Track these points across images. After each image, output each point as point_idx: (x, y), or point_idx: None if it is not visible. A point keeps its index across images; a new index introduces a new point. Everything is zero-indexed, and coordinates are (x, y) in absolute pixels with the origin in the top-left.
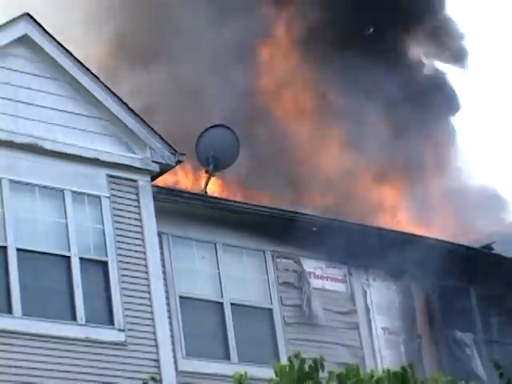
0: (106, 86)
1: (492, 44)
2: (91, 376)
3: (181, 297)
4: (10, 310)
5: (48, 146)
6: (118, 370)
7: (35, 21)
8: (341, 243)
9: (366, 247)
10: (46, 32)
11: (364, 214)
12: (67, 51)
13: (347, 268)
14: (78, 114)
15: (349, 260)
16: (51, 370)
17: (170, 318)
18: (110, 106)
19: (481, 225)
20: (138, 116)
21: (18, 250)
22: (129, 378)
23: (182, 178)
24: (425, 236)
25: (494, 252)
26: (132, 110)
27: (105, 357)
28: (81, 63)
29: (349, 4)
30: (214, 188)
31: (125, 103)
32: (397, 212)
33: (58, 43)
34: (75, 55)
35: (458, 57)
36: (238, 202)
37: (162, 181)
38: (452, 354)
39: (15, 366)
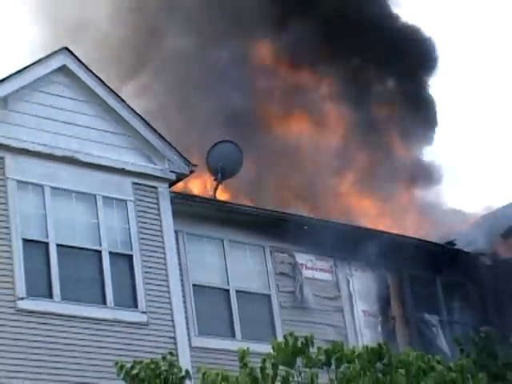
0: (130, 107)
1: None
2: (117, 351)
3: (193, 284)
4: (50, 296)
5: (82, 158)
6: (141, 346)
7: (72, 53)
8: (328, 240)
9: (349, 243)
10: (81, 62)
11: (347, 216)
12: (98, 78)
13: (333, 261)
14: (107, 131)
15: (334, 254)
16: (83, 345)
17: (184, 302)
18: (134, 124)
19: (445, 224)
20: (158, 133)
21: (58, 245)
22: (150, 352)
23: (195, 185)
24: (399, 234)
25: (455, 247)
26: (152, 128)
27: (129, 335)
28: (110, 88)
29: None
30: (222, 193)
31: (147, 122)
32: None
33: (91, 72)
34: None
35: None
36: (242, 205)
37: (177, 187)
38: (421, 333)
39: (54, 343)
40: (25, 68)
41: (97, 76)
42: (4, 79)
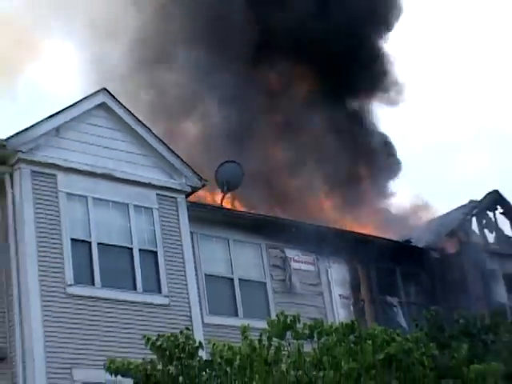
0: (155, 134)
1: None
2: (146, 327)
3: (205, 274)
4: (93, 283)
5: (117, 174)
6: (164, 323)
7: (109, 92)
8: (311, 239)
9: (328, 242)
10: (116, 100)
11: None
12: (130, 112)
13: (315, 255)
14: (136, 154)
15: (316, 250)
16: (118, 322)
17: (198, 288)
18: (157, 148)
19: (403, 225)
20: (176, 154)
21: (98, 243)
22: (171, 328)
23: (206, 195)
24: (367, 234)
25: (411, 244)
26: (172, 151)
27: (155, 314)
28: (138, 119)
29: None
30: (227, 202)
31: (168, 146)
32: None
33: (124, 107)
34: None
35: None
36: (243, 212)
37: (192, 197)
38: (384, 312)
39: (95, 320)
40: (73, 104)
41: (128, 110)
42: (57, 113)
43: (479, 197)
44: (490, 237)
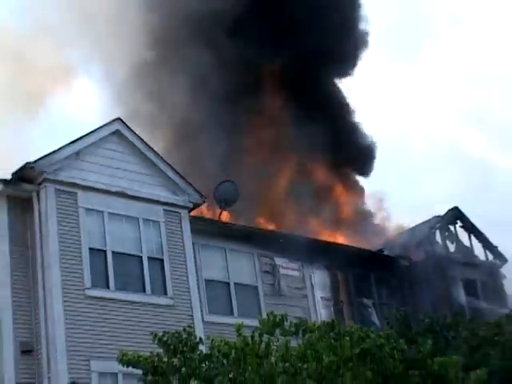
0: (162, 157)
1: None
2: (153, 325)
3: (205, 279)
4: (108, 286)
5: (129, 192)
6: (169, 321)
7: (123, 121)
8: (297, 249)
9: (311, 251)
10: (129, 127)
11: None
12: (140, 139)
13: (300, 263)
14: (145, 174)
15: (301, 258)
16: (129, 320)
17: (199, 291)
18: (164, 169)
19: (377, 237)
20: (180, 175)
21: (113, 252)
22: (175, 326)
23: (206, 211)
24: (344, 244)
25: (383, 253)
26: (177, 172)
27: (161, 313)
28: (148, 145)
29: None
30: (224, 217)
31: (173, 168)
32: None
33: (135, 134)
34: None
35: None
36: (238, 225)
37: (194, 212)
38: (360, 312)
39: (110, 318)
40: (91, 131)
41: (139, 136)
42: (77, 139)
43: (442, 212)
44: (451, 247)
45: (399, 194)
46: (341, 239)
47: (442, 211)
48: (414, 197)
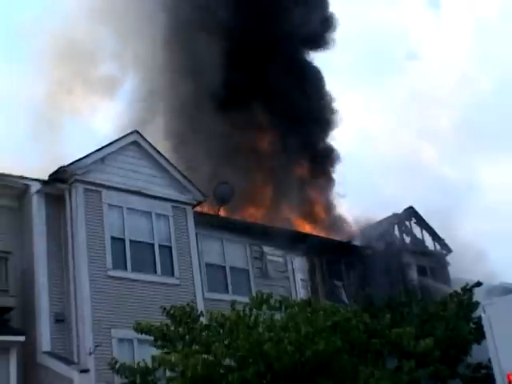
0: (171, 163)
1: None
2: (163, 301)
3: (206, 263)
4: (126, 268)
5: (144, 191)
6: (176, 297)
7: (139, 133)
8: (280, 239)
9: (292, 241)
10: (145, 138)
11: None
12: (154, 148)
13: (284, 251)
14: (157, 177)
15: (284, 247)
16: (143, 296)
17: (200, 273)
18: (173, 172)
19: (347, 229)
20: (186, 177)
21: (130, 240)
22: (181, 301)
23: (207, 207)
24: (320, 236)
25: (352, 243)
26: (184, 175)
27: (169, 291)
28: (160, 153)
29: None
30: (222, 212)
31: (180, 171)
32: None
33: (150, 144)
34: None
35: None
36: (233, 219)
37: (197, 208)
38: (332, 291)
39: (128, 295)
40: (113, 141)
41: (152, 146)
42: (102, 147)
43: (399, 211)
44: (407, 239)
45: (364, 195)
46: (317, 231)
47: (399, 210)
48: (377, 197)
